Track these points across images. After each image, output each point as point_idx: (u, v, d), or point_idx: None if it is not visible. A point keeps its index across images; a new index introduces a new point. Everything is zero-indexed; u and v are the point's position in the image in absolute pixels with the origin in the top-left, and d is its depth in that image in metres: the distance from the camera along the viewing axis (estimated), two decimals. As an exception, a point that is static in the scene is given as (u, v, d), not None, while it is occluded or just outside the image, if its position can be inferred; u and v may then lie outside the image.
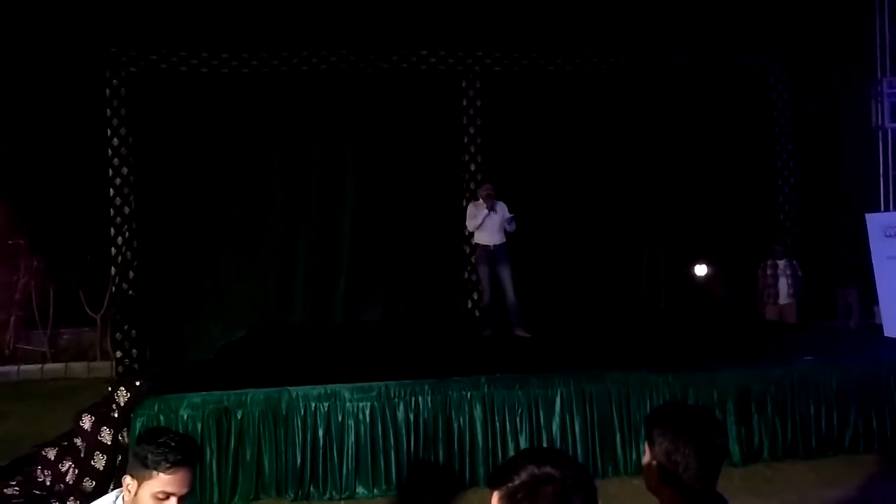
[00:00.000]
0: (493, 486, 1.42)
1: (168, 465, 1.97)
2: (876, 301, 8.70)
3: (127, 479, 2.01)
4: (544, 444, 4.70)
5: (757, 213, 10.03)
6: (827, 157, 9.84)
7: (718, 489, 1.91)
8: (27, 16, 8.54)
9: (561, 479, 1.36)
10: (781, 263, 8.78)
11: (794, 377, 5.02)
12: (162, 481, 1.97)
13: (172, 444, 2.02)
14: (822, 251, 9.51)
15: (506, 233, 7.06)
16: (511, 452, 4.64)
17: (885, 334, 7.83)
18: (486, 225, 6.99)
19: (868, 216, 8.65)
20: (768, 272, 8.84)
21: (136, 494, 1.98)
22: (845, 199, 9.51)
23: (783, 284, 8.73)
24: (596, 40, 9.63)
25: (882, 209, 9.32)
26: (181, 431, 3.74)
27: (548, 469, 1.37)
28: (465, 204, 9.31)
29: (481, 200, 7.08)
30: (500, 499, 1.40)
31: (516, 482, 1.38)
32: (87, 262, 9.00)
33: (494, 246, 7.02)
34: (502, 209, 7.02)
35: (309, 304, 9.39)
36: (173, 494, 1.98)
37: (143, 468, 1.98)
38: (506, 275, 6.99)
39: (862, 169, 9.58)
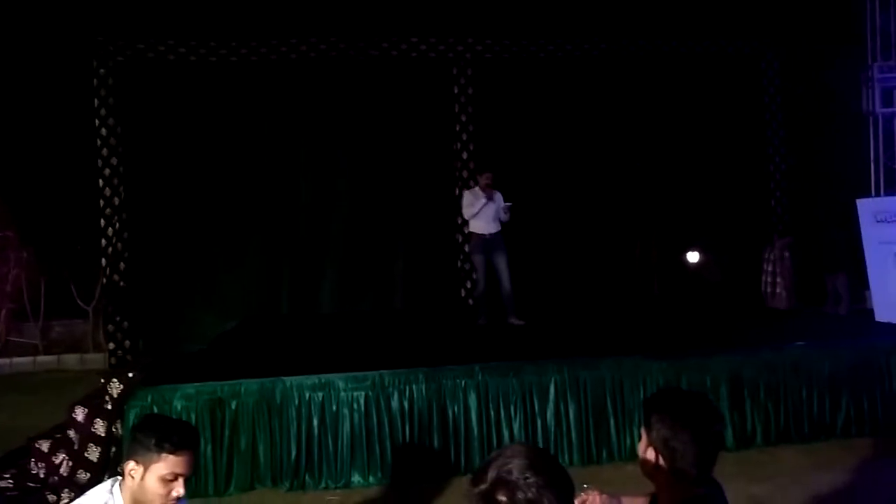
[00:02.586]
0: (471, 484, 1.43)
1: (175, 447, 2.01)
2: (867, 286, 8.75)
3: (130, 465, 2.02)
4: (538, 431, 4.73)
5: (748, 199, 10.04)
6: (818, 142, 9.85)
7: (712, 474, 1.91)
8: (12, 4, 8.43)
9: (518, 484, 1.35)
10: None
11: (786, 362, 5.06)
12: (171, 463, 2.01)
13: (176, 427, 2.10)
14: (812, 237, 9.54)
15: (501, 221, 7.07)
16: (505, 440, 4.66)
17: (876, 319, 7.88)
18: (482, 214, 6.99)
19: (859, 202, 8.67)
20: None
21: (142, 479, 1.99)
22: (836, 185, 9.53)
23: None
24: (587, 26, 9.58)
25: (873, 195, 9.35)
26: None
27: (511, 475, 1.36)
28: (457, 192, 9.33)
29: (478, 188, 7.05)
30: (470, 498, 1.41)
31: (481, 487, 1.38)
32: (78, 253, 8.94)
33: (490, 235, 7.03)
34: (499, 198, 7.04)
35: (301, 293, 9.35)
36: (181, 475, 2.03)
37: (149, 452, 2.01)
38: (501, 263, 7.00)
39: (853, 154, 9.60)
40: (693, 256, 9.77)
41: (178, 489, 2.02)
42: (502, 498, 1.35)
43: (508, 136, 9.47)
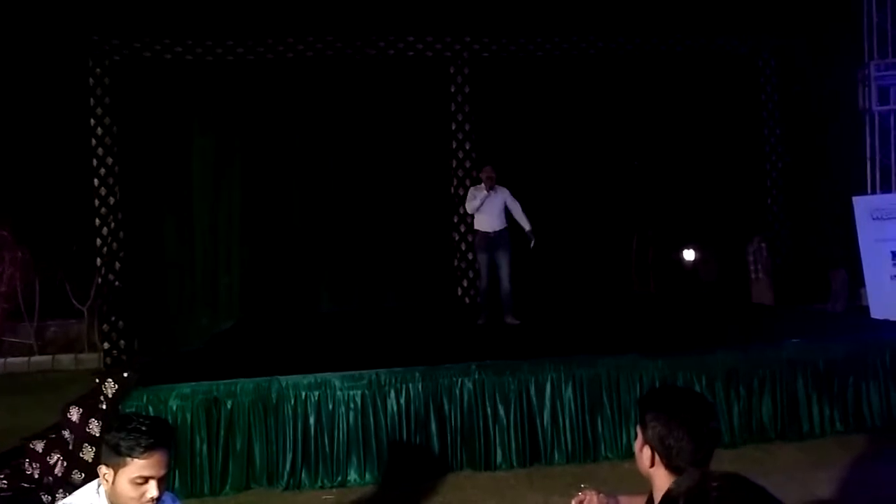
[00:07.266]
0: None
1: (142, 449, 1.94)
2: (863, 283, 8.77)
3: (103, 469, 1.98)
4: (536, 429, 4.71)
5: (745, 197, 10.06)
6: (815, 140, 9.87)
7: (710, 472, 1.90)
8: (8, 3, 8.40)
9: None
10: None
11: (782, 359, 5.05)
12: (138, 466, 1.94)
13: (143, 428, 1.98)
14: (810, 235, 9.56)
15: (507, 217, 6.96)
16: (503, 438, 4.64)
17: (872, 316, 7.89)
18: (485, 209, 6.88)
19: (855, 199, 8.70)
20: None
21: (113, 483, 1.95)
22: (833, 183, 9.55)
23: None
24: (584, 25, 9.58)
25: (869, 192, 9.37)
26: (170, 422, 3.70)
27: None
28: (453, 191, 9.33)
29: (482, 184, 6.96)
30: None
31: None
32: (73, 253, 8.91)
33: (494, 232, 6.93)
34: (504, 193, 6.96)
35: (297, 292, 9.34)
36: (152, 477, 1.95)
37: (117, 456, 1.95)
38: (503, 262, 6.91)
39: (849, 152, 9.62)
40: (689, 254, 9.78)
41: (152, 491, 1.95)
42: None
43: (505, 135, 9.47)
